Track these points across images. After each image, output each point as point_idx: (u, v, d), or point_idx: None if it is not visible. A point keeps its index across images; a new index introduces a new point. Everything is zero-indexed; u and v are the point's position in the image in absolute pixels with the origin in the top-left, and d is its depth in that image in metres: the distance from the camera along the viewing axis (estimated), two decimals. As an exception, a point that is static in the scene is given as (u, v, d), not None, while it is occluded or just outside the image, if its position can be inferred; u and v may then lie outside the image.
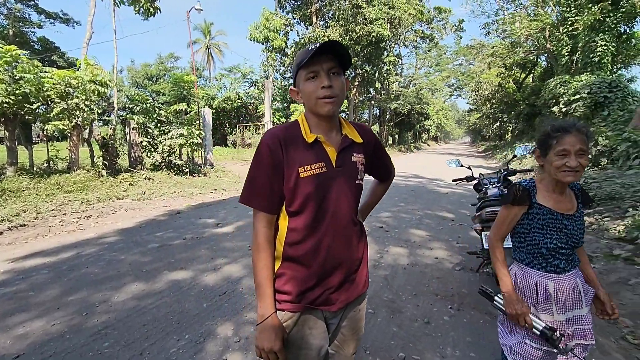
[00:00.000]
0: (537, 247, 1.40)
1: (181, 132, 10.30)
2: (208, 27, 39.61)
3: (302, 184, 1.08)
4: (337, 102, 1.08)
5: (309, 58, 1.04)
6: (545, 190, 1.40)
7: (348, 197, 1.15)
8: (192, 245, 4.22)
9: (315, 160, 1.09)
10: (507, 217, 1.44)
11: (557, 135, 1.33)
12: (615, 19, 13.63)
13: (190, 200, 7.72)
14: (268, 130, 1.14)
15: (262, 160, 1.09)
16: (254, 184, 1.10)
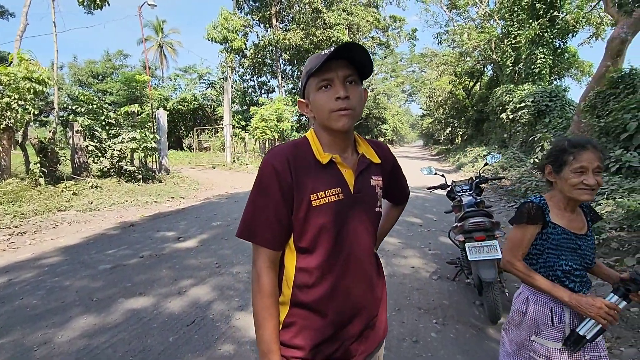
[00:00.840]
0: (552, 269, 1.32)
1: (133, 136, 9.52)
2: (160, 24, 37.63)
3: (315, 214, 0.90)
4: (353, 116, 0.92)
5: (321, 64, 0.87)
6: (557, 209, 1.33)
7: (368, 229, 0.99)
8: (151, 264, 3.79)
9: (331, 185, 0.93)
10: (523, 237, 1.35)
11: (574, 151, 1.26)
12: (552, 34, 14.89)
13: (145, 210, 7.11)
14: (272, 149, 0.95)
15: (266, 184, 0.90)
16: (257, 214, 0.92)
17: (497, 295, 2.47)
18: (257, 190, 0.93)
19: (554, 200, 1.34)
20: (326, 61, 0.87)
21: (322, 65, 0.88)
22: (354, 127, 0.97)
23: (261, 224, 0.91)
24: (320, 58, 0.89)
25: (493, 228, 2.62)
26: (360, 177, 0.98)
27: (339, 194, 0.93)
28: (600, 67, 9.73)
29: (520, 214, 1.35)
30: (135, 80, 10.69)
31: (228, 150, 16.04)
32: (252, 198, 0.93)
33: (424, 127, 52.34)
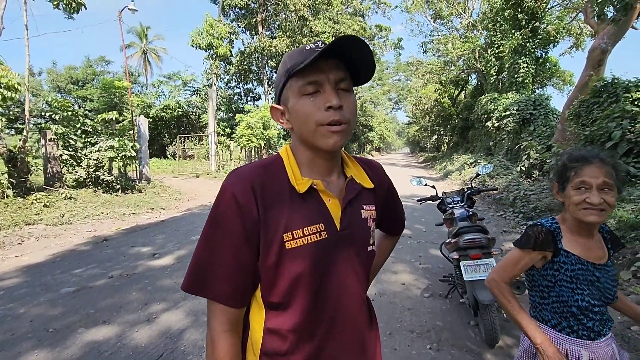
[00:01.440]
0: (566, 304, 1.13)
1: (111, 144, 9.13)
2: (144, 30, 37.07)
3: (290, 260, 0.69)
4: (347, 132, 0.72)
5: (310, 61, 0.66)
6: (570, 234, 1.15)
7: (359, 275, 0.78)
8: (120, 286, 3.47)
9: (310, 221, 0.72)
10: (520, 261, 1.19)
11: (575, 165, 1.10)
12: (534, 44, 15.21)
13: (122, 222, 6.74)
14: (233, 172, 0.73)
15: (224, 221, 0.69)
16: (211, 260, 0.70)
17: (494, 317, 2.29)
18: (212, 229, 0.71)
19: (567, 224, 1.16)
20: (315, 59, 0.67)
21: (311, 63, 0.67)
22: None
23: (217, 273, 0.69)
24: (307, 54, 0.69)
25: (489, 245, 2.45)
26: (349, 209, 0.77)
27: (321, 231, 0.72)
28: (582, 76, 9.90)
29: (527, 237, 1.17)
30: (114, 87, 10.29)
31: (213, 158, 15.69)
32: (206, 238, 0.71)
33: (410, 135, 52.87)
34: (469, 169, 14.54)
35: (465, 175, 13.31)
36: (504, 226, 6.27)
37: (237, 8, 21.30)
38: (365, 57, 0.71)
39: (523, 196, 7.31)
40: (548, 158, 8.62)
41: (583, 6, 11.41)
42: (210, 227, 0.71)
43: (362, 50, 0.69)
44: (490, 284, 1.24)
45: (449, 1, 23.51)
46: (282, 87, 0.75)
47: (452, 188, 11.90)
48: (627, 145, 6.30)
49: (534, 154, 9.50)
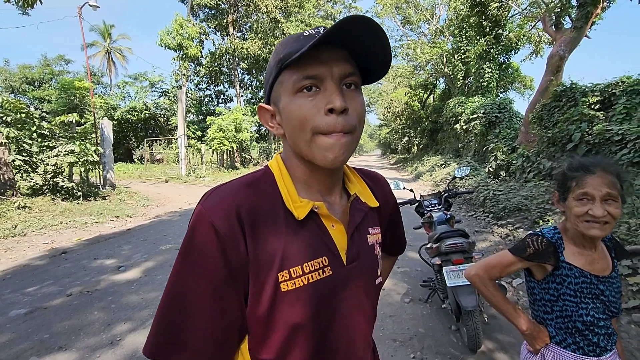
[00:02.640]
0: (570, 319, 1.08)
1: (71, 149, 8.54)
2: (108, 29, 35.36)
3: (287, 306, 0.57)
4: (352, 144, 0.58)
5: (308, 49, 0.52)
6: (573, 245, 1.10)
7: (367, 316, 0.66)
8: (79, 304, 3.17)
9: (311, 255, 0.58)
10: (511, 265, 1.16)
11: (576, 175, 1.05)
12: (497, 50, 15.92)
13: (84, 232, 6.30)
14: (212, 192, 0.58)
15: (200, 260, 0.54)
16: (183, 315, 0.54)
17: (477, 323, 2.27)
18: (184, 270, 0.55)
19: (569, 234, 1.11)
20: (315, 47, 0.52)
21: (308, 52, 0.53)
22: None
23: (192, 328, 0.54)
24: (305, 40, 0.55)
25: (470, 249, 2.44)
26: (356, 235, 0.64)
27: (324, 267, 0.59)
28: (543, 81, 10.43)
29: (524, 245, 1.12)
30: (74, 87, 9.66)
31: (183, 162, 15.15)
32: (176, 284, 0.55)
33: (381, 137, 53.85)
34: (439, 170, 14.93)
35: (437, 177, 13.65)
36: (475, 226, 6.43)
37: (207, 8, 20.82)
38: (379, 45, 0.56)
39: (492, 196, 7.55)
40: (514, 159, 8.99)
41: (541, 15, 12.05)
42: (183, 268, 0.55)
43: (376, 36, 0.54)
44: (474, 278, 1.22)
45: (417, 7, 24.20)
46: (273, 82, 0.60)
47: (424, 189, 12.15)
48: (585, 147, 6.67)
49: (501, 155, 9.87)
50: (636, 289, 3.03)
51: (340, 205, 0.66)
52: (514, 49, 16.93)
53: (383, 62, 0.60)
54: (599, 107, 7.77)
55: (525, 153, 8.53)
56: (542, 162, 7.45)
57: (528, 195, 6.50)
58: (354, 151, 0.60)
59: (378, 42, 0.56)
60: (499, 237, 5.55)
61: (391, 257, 0.98)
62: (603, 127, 6.42)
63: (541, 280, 1.14)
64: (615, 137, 6.03)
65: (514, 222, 6.06)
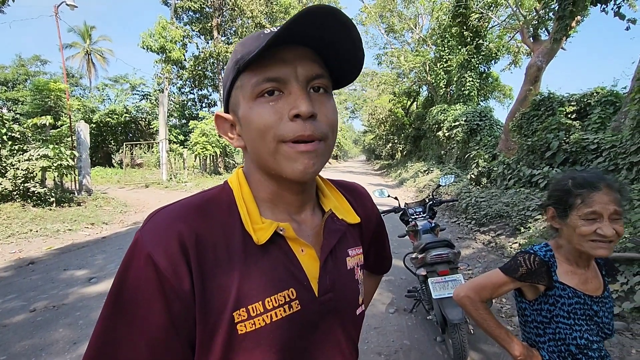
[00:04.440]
0: (564, 342, 1.02)
1: (45, 153, 8.17)
2: (88, 30, 34.47)
3: (245, 352, 0.48)
4: (323, 153, 0.51)
5: (266, 46, 0.45)
6: (567, 263, 1.04)
7: (344, 354, 0.57)
8: (43, 321, 2.95)
9: (275, 288, 0.50)
10: (503, 286, 1.08)
11: (581, 192, 0.97)
12: (478, 60, 16.34)
13: (55, 240, 5.99)
14: (154, 215, 0.49)
15: (135, 304, 0.45)
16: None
17: (463, 336, 2.23)
18: (115, 317, 0.45)
19: (562, 252, 1.05)
20: (275, 44, 0.46)
21: (266, 51, 0.46)
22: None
23: None
24: (264, 39, 0.47)
25: (456, 260, 2.41)
26: (331, 261, 0.56)
27: (291, 302, 0.50)
28: (521, 91, 10.73)
29: (516, 265, 1.05)
30: (49, 89, 9.27)
31: (164, 167, 14.78)
32: (104, 332, 0.46)
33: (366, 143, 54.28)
34: (422, 176, 15.09)
35: (420, 183, 13.77)
36: (458, 233, 6.48)
37: (191, 11, 20.59)
38: (349, 42, 0.49)
39: (474, 203, 7.64)
40: (494, 166, 9.16)
41: (520, 27, 12.44)
42: (113, 311, 0.45)
43: (345, 31, 0.47)
44: (463, 300, 1.13)
45: (400, 16, 24.65)
46: (231, 86, 0.52)
47: (408, 195, 12.23)
48: (563, 155, 6.85)
49: (482, 163, 10.04)
50: (616, 296, 3.07)
51: (313, 225, 0.57)
52: (494, 59, 17.43)
53: (354, 62, 0.53)
54: (576, 116, 8.02)
55: (506, 160, 8.69)
56: (522, 170, 7.60)
57: (509, 202, 6.60)
58: (326, 161, 0.52)
59: (347, 37, 0.48)
60: (482, 244, 5.59)
61: (376, 276, 0.88)
62: (579, 136, 6.61)
63: (533, 300, 1.08)
64: (591, 146, 6.21)
65: (495, 228, 6.13)
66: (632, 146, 5.19)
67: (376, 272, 0.86)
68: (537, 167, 7.29)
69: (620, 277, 3.19)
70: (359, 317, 0.61)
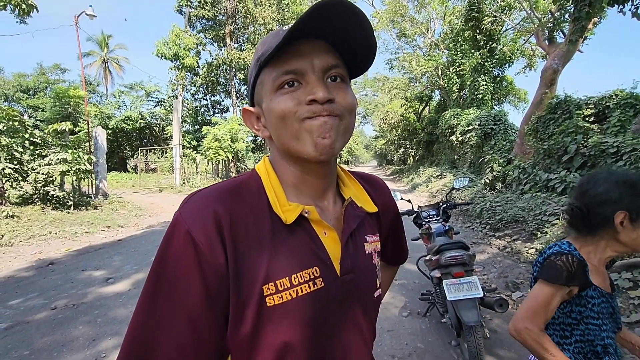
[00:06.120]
0: (592, 344, 0.98)
1: (64, 157, 8.42)
2: (105, 39, 35.54)
3: (274, 323, 0.50)
4: (342, 130, 0.53)
5: (282, 43, 0.49)
6: (591, 263, 1.00)
7: (364, 333, 0.59)
8: (64, 318, 3.03)
9: (301, 265, 0.52)
10: (552, 299, 0.97)
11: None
12: (491, 64, 16.17)
13: (73, 242, 6.14)
14: (190, 197, 0.52)
15: (174, 276, 0.48)
16: (154, 339, 0.48)
17: (479, 339, 2.19)
18: (156, 288, 0.49)
19: (586, 252, 1.00)
20: (291, 40, 0.49)
21: (284, 46, 0.50)
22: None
23: (163, 353, 0.47)
24: (281, 35, 0.50)
25: (470, 262, 2.37)
26: (351, 244, 0.58)
27: (315, 279, 0.53)
28: (537, 94, 10.56)
29: (556, 269, 0.96)
30: (68, 96, 9.58)
31: (177, 171, 15.03)
32: (147, 303, 0.49)
33: (377, 148, 54.12)
34: (435, 181, 14.92)
35: (433, 188, 13.63)
36: (472, 237, 6.38)
37: (205, 19, 21.01)
38: (360, 30, 0.51)
39: (489, 208, 7.52)
40: (509, 171, 9.00)
41: (534, 30, 12.28)
42: (155, 283, 0.49)
43: (356, 20, 0.49)
44: (522, 334, 0.97)
45: (412, 21, 24.61)
46: (254, 82, 0.57)
47: (420, 200, 12.11)
48: (581, 159, 6.69)
49: (497, 167, 9.89)
50: (638, 303, 2.97)
51: (334, 211, 0.60)
52: (508, 62, 17.20)
53: (368, 50, 0.55)
54: (594, 119, 7.84)
55: (522, 165, 8.54)
56: (538, 174, 7.44)
57: (525, 206, 6.46)
58: (346, 142, 0.55)
59: (359, 27, 0.51)
60: (497, 249, 5.49)
61: (392, 267, 0.90)
62: (598, 139, 6.45)
63: (563, 302, 1.02)
64: (611, 150, 6.05)
65: (511, 233, 6.01)
66: (653, 149, 5.05)
67: (393, 263, 0.88)
68: (554, 172, 7.14)
69: (644, 283, 3.09)
70: (377, 299, 0.63)
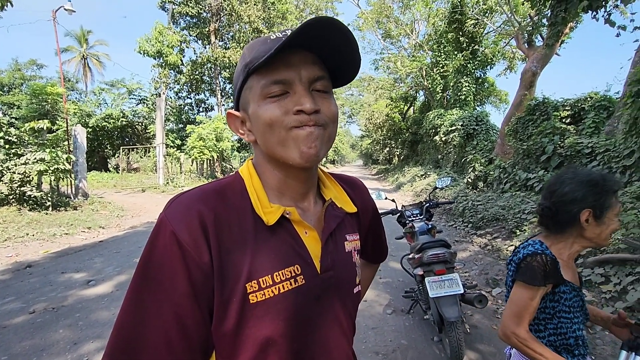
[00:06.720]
0: (564, 336, 1.04)
1: (41, 156, 8.16)
2: (85, 34, 34.48)
3: (256, 320, 0.53)
4: (326, 139, 0.57)
5: (273, 54, 0.51)
6: (561, 259, 1.06)
7: (344, 328, 0.62)
8: (43, 322, 2.96)
9: (282, 263, 0.55)
10: (532, 300, 1.01)
11: (616, 191, 1.01)
12: (474, 65, 16.53)
13: (52, 244, 5.97)
14: (176, 199, 0.54)
15: (160, 273, 0.50)
16: (140, 334, 0.50)
17: (460, 334, 2.26)
18: (142, 285, 0.51)
19: (557, 249, 1.06)
20: (280, 51, 0.51)
21: (275, 56, 0.52)
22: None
23: (151, 352, 0.49)
24: (271, 44, 0.53)
25: (452, 259, 2.44)
26: (331, 243, 0.61)
27: (296, 276, 0.56)
28: (517, 96, 10.86)
29: (532, 271, 1.00)
30: (45, 92, 9.27)
31: (161, 171, 14.76)
32: (134, 300, 0.51)
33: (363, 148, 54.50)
34: (419, 180, 15.16)
35: (417, 187, 13.84)
36: (455, 236, 6.53)
37: (188, 17, 20.67)
38: (347, 48, 0.55)
39: (471, 207, 7.71)
40: (491, 170, 9.25)
41: (515, 33, 12.62)
42: (141, 282, 0.51)
43: (344, 38, 0.53)
44: (511, 340, 1.01)
45: (397, 22, 24.88)
46: (241, 87, 0.59)
47: (405, 199, 12.29)
48: (558, 159, 6.93)
49: (479, 167, 10.13)
50: (609, 297, 3.12)
51: (315, 212, 0.63)
52: (490, 64, 17.62)
53: (353, 64, 0.59)
54: (570, 120, 8.14)
55: (502, 164, 8.78)
56: (517, 173, 7.68)
57: (505, 205, 6.66)
58: (328, 149, 0.58)
59: (347, 43, 0.55)
60: (478, 247, 5.64)
61: (372, 265, 0.94)
62: (574, 140, 6.70)
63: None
64: (586, 150, 6.30)
65: (492, 231, 6.18)
66: (625, 150, 5.28)
67: (373, 261, 0.92)
68: (533, 171, 7.38)
69: (614, 277, 3.24)
70: (356, 295, 0.66)
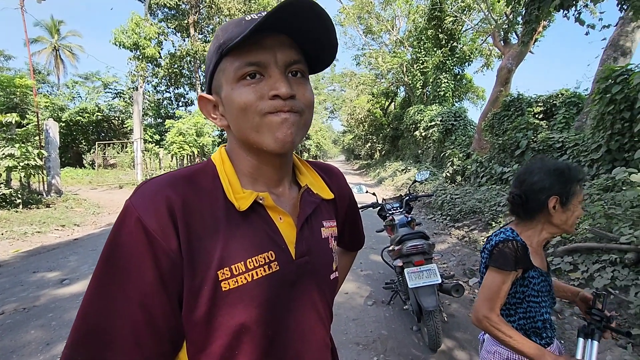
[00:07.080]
0: (533, 320, 1.10)
1: (10, 152, 7.79)
2: (56, 24, 32.94)
3: (229, 307, 0.51)
4: (301, 125, 0.56)
5: (247, 34, 0.49)
6: (531, 246, 1.11)
7: (321, 314, 0.62)
8: (14, 323, 2.85)
9: (256, 250, 0.54)
10: (503, 284, 1.05)
11: (580, 179, 1.07)
12: (452, 62, 16.85)
13: (23, 243, 5.74)
14: (142, 185, 0.53)
15: (125, 261, 0.48)
16: (105, 324, 0.47)
17: (437, 323, 2.34)
18: (107, 273, 0.48)
19: (527, 236, 1.11)
20: (256, 32, 0.50)
21: (248, 37, 0.50)
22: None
23: (116, 343, 0.47)
24: (246, 25, 0.51)
25: (430, 251, 2.52)
26: (307, 228, 0.61)
27: (270, 262, 0.55)
28: (493, 92, 11.16)
29: (504, 257, 1.05)
30: (14, 85, 8.82)
31: (139, 167, 14.37)
32: (98, 288, 0.48)
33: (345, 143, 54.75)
34: (400, 175, 15.39)
35: (398, 181, 14.06)
36: (434, 228, 6.69)
37: (166, 8, 20.10)
38: (324, 31, 0.54)
39: (449, 200, 7.90)
40: (468, 165, 9.50)
41: (491, 31, 12.93)
42: (106, 271, 0.48)
43: (321, 21, 0.52)
44: (483, 323, 1.05)
45: (378, 18, 24.99)
46: (214, 69, 0.56)
47: (386, 193, 12.46)
48: (532, 153, 7.19)
49: (457, 161, 10.38)
50: (577, 284, 3.28)
51: (290, 198, 0.62)
52: (468, 61, 18.01)
53: (330, 49, 0.58)
54: (543, 116, 8.44)
55: (479, 159, 9.03)
56: (493, 167, 7.92)
57: (482, 198, 6.86)
58: (304, 136, 0.57)
59: (323, 27, 0.53)
60: (456, 239, 5.80)
61: (350, 253, 0.95)
62: (546, 135, 6.97)
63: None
64: (557, 144, 6.57)
65: (469, 223, 6.37)
66: (592, 144, 5.54)
67: (351, 249, 0.93)
68: (508, 165, 7.62)
69: (582, 265, 3.41)
70: (333, 281, 0.66)
